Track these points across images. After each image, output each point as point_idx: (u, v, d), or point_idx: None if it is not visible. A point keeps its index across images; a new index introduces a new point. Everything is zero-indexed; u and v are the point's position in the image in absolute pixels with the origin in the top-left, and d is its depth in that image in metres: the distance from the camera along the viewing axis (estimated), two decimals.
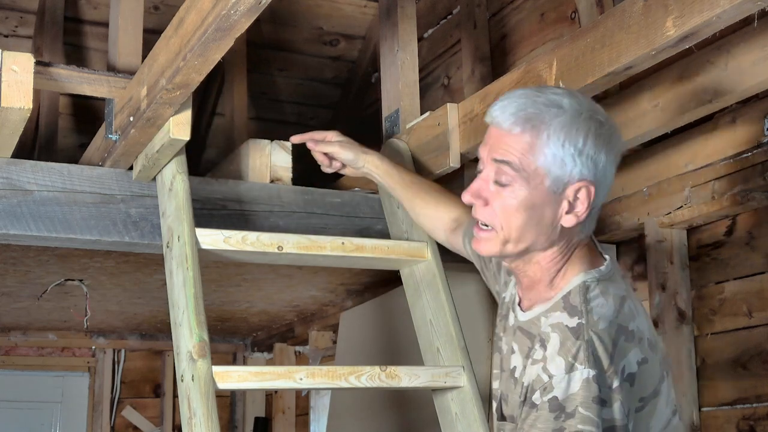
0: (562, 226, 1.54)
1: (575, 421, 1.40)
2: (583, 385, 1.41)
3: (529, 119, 1.51)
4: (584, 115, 1.53)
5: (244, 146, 2.52)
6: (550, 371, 1.45)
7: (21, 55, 1.92)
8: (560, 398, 1.42)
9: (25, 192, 2.16)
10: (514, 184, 1.52)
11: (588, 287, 1.52)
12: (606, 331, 1.46)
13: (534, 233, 1.54)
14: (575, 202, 1.53)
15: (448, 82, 3.59)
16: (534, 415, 1.45)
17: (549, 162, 1.51)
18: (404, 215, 2.39)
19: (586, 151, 1.51)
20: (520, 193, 1.52)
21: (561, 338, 1.46)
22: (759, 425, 2.29)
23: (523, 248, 1.56)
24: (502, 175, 1.53)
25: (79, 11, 3.73)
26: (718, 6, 1.60)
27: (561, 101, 1.53)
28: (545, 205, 1.52)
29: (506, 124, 1.53)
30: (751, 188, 2.27)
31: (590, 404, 1.41)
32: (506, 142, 1.53)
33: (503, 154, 1.53)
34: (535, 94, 1.55)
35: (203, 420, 1.80)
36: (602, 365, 1.43)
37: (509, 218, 1.53)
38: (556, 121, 1.51)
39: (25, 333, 4.63)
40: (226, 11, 1.52)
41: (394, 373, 2.03)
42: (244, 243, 2.10)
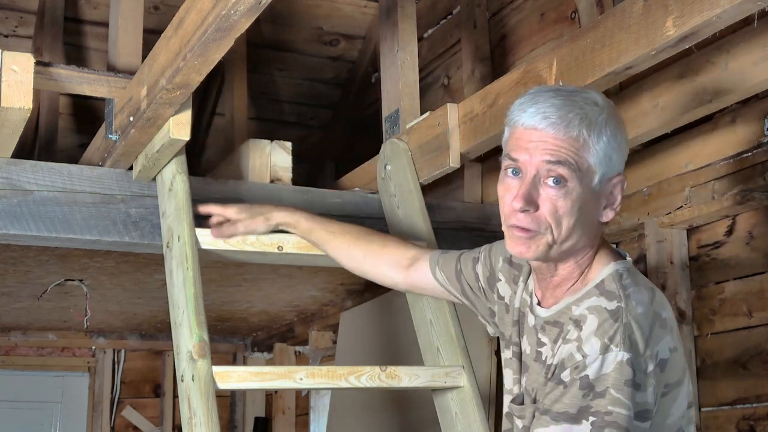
0: (600, 221, 1.56)
1: (605, 402, 1.40)
2: (617, 367, 1.41)
3: (581, 119, 1.50)
4: (613, 109, 1.57)
5: (244, 146, 2.52)
6: (584, 351, 1.44)
7: (21, 55, 1.92)
8: (591, 377, 1.42)
9: (25, 192, 2.16)
10: (568, 184, 1.50)
11: (621, 275, 1.52)
12: (643, 316, 1.46)
13: (580, 232, 1.53)
14: (611, 197, 1.55)
15: (448, 82, 3.59)
16: (560, 390, 1.44)
17: (600, 159, 1.51)
18: (404, 215, 2.39)
19: (622, 146, 1.55)
20: (575, 192, 1.50)
21: (599, 320, 1.45)
22: (759, 425, 2.29)
23: (568, 247, 1.54)
24: (558, 174, 1.50)
25: (79, 11, 3.73)
26: (718, 6, 1.60)
27: (595, 99, 1.54)
28: (591, 201, 1.53)
29: (554, 128, 1.50)
30: (751, 188, 2.27)
31: (622, 387, 1.40)
32: (556, 143, 1.50)
33: (557, 155, 1.50)
34: (567, 93, 1.54)
35: (203, 420, 1.80)
36: (638, 349, 1.43)
37: (561, 219, 1.51)
38: (600, 118, 1.52)
39: (25, 333, 4.63)
40: (226, 11, 1.52)
41: (394, 373, 2.03)
42: (244, 243, 2.10)
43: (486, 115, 2.26)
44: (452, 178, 3.08)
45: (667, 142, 2.47)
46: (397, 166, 2.47)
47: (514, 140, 1.54)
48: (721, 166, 2.34)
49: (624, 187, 1.56)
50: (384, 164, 2.52)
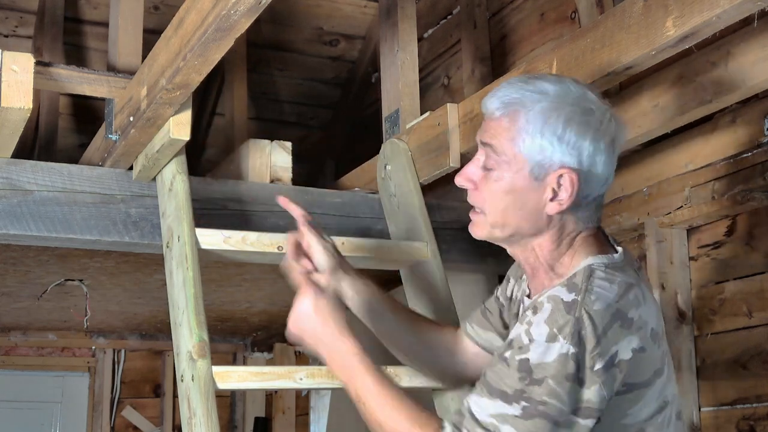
0: (547, 213, 1.55)
1: (541, 391, 1.40)
2: (560, 359, 1.40)
3: (511, 104, 1.54)
4: (569, 100, 1.53)
5: (244, 146, 2.52)
6: (531, 335, 1.44)
7: (21, 55, 1.92)
8: (532, 362, 1.41)
9: (25, 192, 2.16)
10: (497, 168, 1.55)
11: (593, 270, 1.51)
12: (600, 313, 1.43)
13: (517, 218, 1.56)
14: (559, 189, 1.54)
15: (448, 82, 3.59)
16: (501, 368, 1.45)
17: (528, 147, 1.52)
18: (404, 215, 2.39)
19: (566, 137, 1.51)
20: (503, 177, 1.55)
21: (553, 308, 1.45)
22: (759, 425, 2.29)
23: (510, 233, 1.58)
24: (488, 159, 1.57)
25: (79, 11, 3.73)
26: (718, 6, 1.60)
27: (547, 88, 1.54)
28: (528, 191, 1.54)
29: (491, 109, 1.57)
30: (751, 188, 2.27)
31: (562, 380, 1.40)
32: (491, 126, 1.57)
33: (488, 138, 1.57)
34: (524, 81, 1.57)
35: (203, 420, 1.80)
36: (586, 345, 1.41)
37: (494, 202, 1.56)
38: (537, 106, 1.52)
39: (25, 333, 4.63)
40: (226, 11, 1.52)
41: (394, 373, 2.03)
42: (244, 243, 2.10)
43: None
44: (452, 178, 3.08)
45: (667, 142, 2.47)
46: (397, 166, 2.47)
47: None
48: (721, 166, 2.34)
49: (574, 182, 1.52)
50: (384, 164, 2.52)
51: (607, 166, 1.55)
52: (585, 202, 1.56)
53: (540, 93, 1.53)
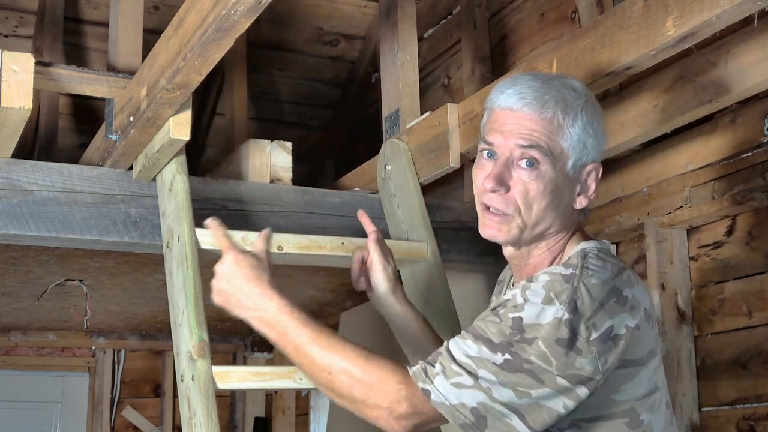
0: (574, 208, 1.57)
1: (530, 350, 1.39)
2: (554, 322, 1.40)
3: (556, 102, 1.52)
4: (591, 96, 1.58)
5: (244, 146, 2.52)
6: (527, 296, 1.43)
7: (21, 55, 1.92)
8: (525, 321, 1.41)
9: (25, 192, 2.16)
10: (540, 167, 1.52)
11: (587, 253, 1.52)
12: (597, 287, 1.44)
13: (552, 217, 1.55)
14: (586, 184, 1.56)
15: (448, 82, 3.59)
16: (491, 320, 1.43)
17: (574, 143, 1.53)
18: (404, 215, 2.39)
19: (600, 133, 1.56)
20: (547, 176, 1.52)
21: (550, 278, 1.45)
22: (759, 425, 2.29)
23: (540, 231, 1.56)
24: (531, 157, 1.51)
25: (79, 11, 3.73)
26: (718, 6, 1.60)
27: (574, 85, 1.56)
28: (564, 187, 1.54)
29: (530, 108, 1.52)
30: (751, 188, 2.27)
31: (552, 344, 1.39)
32: (530, 126, 1.52)
33: (530, 138, 1.51)
34: (546, 78, 1.57)
35: (203, 420, 1.80)
36: (582, 314, 1.41)
37: (532, 202, 1.53)
38: (577, 103, 1.53)
39: (25, 333, 4.63)
40: (226, 11, 1.52)
41: None
42: (244, 243, 2.10)
43: None
44: (452, 178, 3.08)
45: (667, 142, 2.47)
46: (397, 166, 2.47)
47: (491, 123, 1.57)
48: (721, 166, 2.34)
49: (599, 175, 1.56)
50: (384, 164, 2.52)
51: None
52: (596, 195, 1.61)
53: (574, 90, 1.55)
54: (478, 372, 1.41)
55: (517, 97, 1.53)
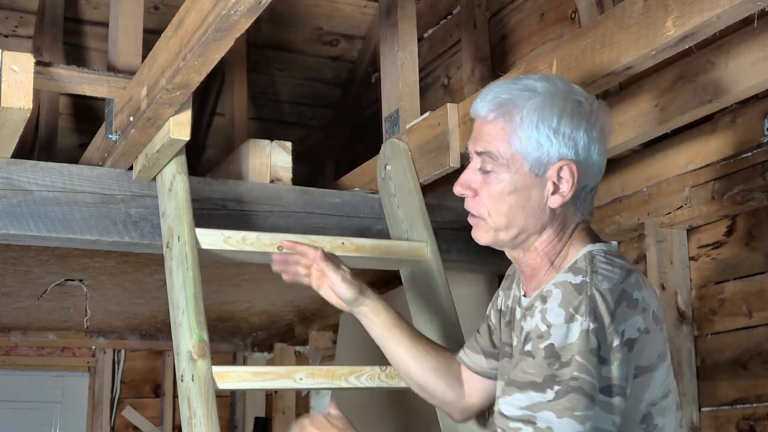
0: (550, 207, 1.56)
1: (570, 369, 1.39)
2: (582, 335, 1.40)
3: (503, 105, 1.56)
4: (559, 95, 1.56)
5: (244, 146, 2.52)
6: (548, 320, 1.43)
7: (21, 55, 1.92)
8: (557, 346, 1.41)
9: (25, 192, 2.16)
10: (495, 171, 1.56)
11: (594, 256, 1.52)
12: (609, 291, 1.45)
13: (522, 217, 1.56)
14: (560, 182, 1.55)
15: (448, 82, 3.59)
16: (526, 361, 1.44)
17: (525, 145, 1.54)
18: (404, 215, 2.39)
19: (561, 129, 1.54)
20: (503, 179, 1.55)
21: (563, 292, 1.45)
22: (759, 425, 2.29)
23: (515, 234, 1.58)
24: (485, 164, 1.57)
25: (79, 11, 3.73)
26: (718, 6, 1.60)
27: (535, 85, 1.56)
28: (530, 188, 1.55)
29: (483, 113, 1.58)
30: (751, 188, 2.27)
31: (588, 355, 1.40)
32: (484, 131, 1.58)
33: (483, 145, 1.57)
34: (511, 81, 1.59)
35: (203, 420, 1.80)
36: (603, 321, 1.42)
37: (496, 205, 1.57)
38: (529, 103, 1.54)
39: (25, 333, 4.63)
40: (226, 11, 1.52)
41: (394, 373, 2.03)
42: (244, 243, 2.10)
43: None
44: (452, 178, 3.07)
45: (667, 142, 2.47)
46: (397, 166, 2.47)
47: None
48: (721, 166, 2.34)
49: (574, 173, 1.54)
50: (384, 164, 2.52)
51: (601, 155, 1.58)
52: (584, 192, 1.58)
53: (530, 90, 1.55)
54: (537, 417, 1.40)
55: (478, 101, 1.59)
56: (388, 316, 1.87)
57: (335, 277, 1.84)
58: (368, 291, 1.87)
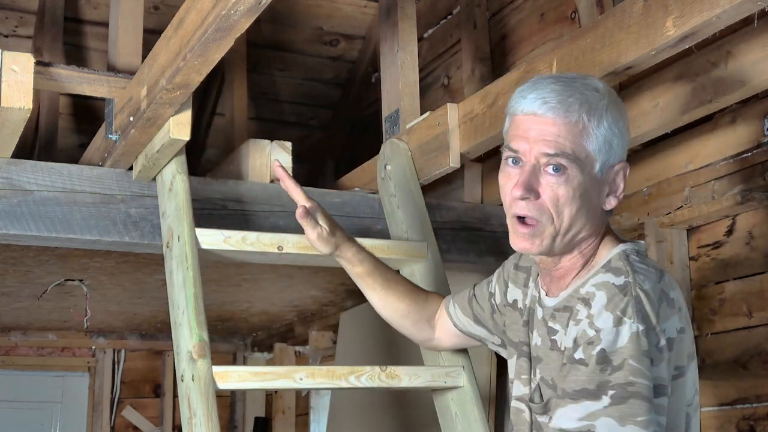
0: (603, 209, 1.55)
1: (624, 373, 1.37)
2: (632, 338, 1.39)
3: (581, 105, 1.50)
4: (614, 96, 1.55)
5: (244, 146, 2.52)
6: (597, 325, 1.42)
7: (21, 55, 1.92)
8: (608, 351, 1.39)
9: (25, 192, 2.16)
10: (568, 172, 1.49)
11: (628, 255, 1.52)
12: (652, 291, 1.44)
13: (584, 221, 1.52)
14: (614, 184, 1.54)
15: (448, 82, 3.59)
16: (576, 370, 1.42)
17: (600, 146, 1.50)
18: (404, 215, 2.39)
19: (624, 132, 1.54)
20: (576, 180, 1.49)
21: (608, 295, 1.44)
22: (759, 425, 2.29)
23: (571, 238, 1.53)
24: (555, 164, 1.49)
25: (79, 11, 3.73)
26: (718, 6, 1.60)
27: (596, 85, 1.54)
28: (593, 189, 1.52)
29: (553, 113, 1.49)
30: (751, 188, 2.27)
31: (641, 357, 1.38)
32: (554, 131, 1.49)
33: (555, 145, 1.48)
34: (567, 79, 1.54)
35: (203, 420, 1.80)
36: (651, 322, 1.41)
37: (563, 208, 1.50)
38: (601, 104, 1.51)
39: (25, 333, 4.64)
40: (226, 11, 1.52)
41: (394, 373, 2.03)
42: (244, 243, 2.10)
43: (486, 115, 2.26)
44: (452, 178, 3.08)
45: (667, 142, 2.47)
46: (397, 166, 2.47)
47: (514, 129, 1.54)
48: (721, 166, 2.34)
49: (626, 174, 1.54)
50: (384, 164, 2.52)
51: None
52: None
53: (596, 91, 1.52)
54: (595, 425, 1.38)
55: (540, 101, 1.50)
56: (362, 267, 1.95)
57: (311, 235, 1.89)
58: (344, 245, 1.93)
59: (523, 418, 1.63)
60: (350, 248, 1.93)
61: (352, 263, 1.95)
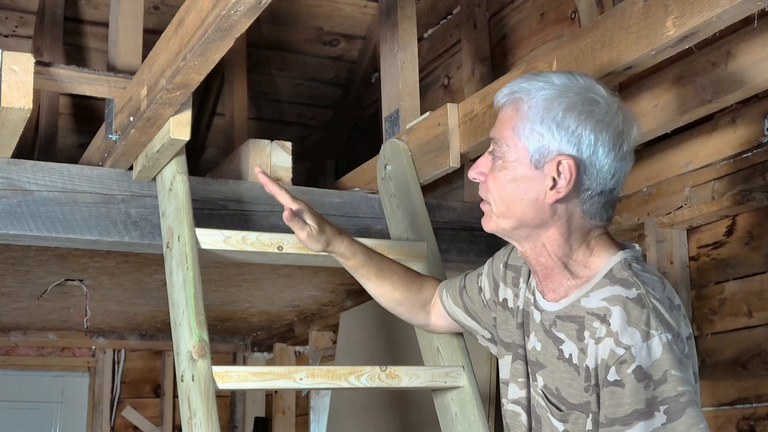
0: (548, 203, 1.54)
1: (670, 386, 1.37)
2: (665, 349, 1.39)
3: (515, 93, 1.56)
4: (574, 90, 1.52)
5: (244, 146, 2.52)
6: (624, 343, 1.41)
7: (21, 55, 1.92)
8: (645, 367, 1.39)
9: (25, 192, 2.16)
10: (502, 157, 1.56)
11: (630, 263, 1.52)
12: (663, 301, 1.45)
13: (520, 208, 1.55)
14: (558, 178, 1.52)
15: (448, 82, 3.59)
16: (617, 392, 1.41)
17: (527, 135, 1.53)
18: (404, 215, 2.39)
19: (566, 124, 1.50)
20: (507, 165, 1.55)
21: (625, 309, 1.44)
22: (759, 425, 2.29)
23: (514, 224, 1.57)
24: (494, 149, 1.58)
25: (79, 11, 3.73)
26: (718, 6, 1.60)
27: (554, 79, 1.55)
28: (529, 179, 1.54)
29: (499, 100, 1.60)
30: (751, 188, 2.27)
31: (679, 365, 1.39)
32: (498, 118, 1.59)
33: (494, 131, 1.59)
34: (534, 74, 1.59)
35: (203, 420, 1.80)
36: (675, 330, 1.42)
37: (498, 191, 1.57)
38: (539, 94, 1.53)
39: (25, 333, 4.64)
40: (226, 11, 1.52)
41: (394, 373, 2.03)
42: (244, 243, 2.10)
43: (486, 115, 2.26)
44: (452, 178, 3.08)
45: (667, 142, 2.47)
46: (397, 166, 2.47)
47: None
48: (721, 166, 2.34)
49: (572, 170, 1.50)
50: (384, 164, 2.52)
51: (613, 159, 1.51)
52: (588, 194, 1.53)
53: (546, 83, 1.54)
54: None
55: (500, 94, 1.60)
56: (355, 259, 1.97)
57: (301, 235, 1.91)
58: (335, 240, 1.94)
59: (520, 421, 1.63)
60: (341, 243, 1.95)
61: (345, 257, 1.97)
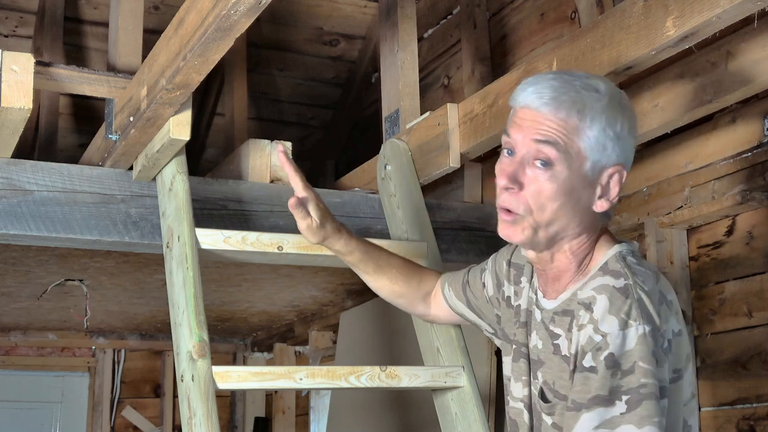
0: (594, 211, 1.54)
1: (635, 377, 1.38)
2: (640, 340, 1.40)
3: (573, 102, 1.50)
4: (618, 100, 1.54)
5: (244, 146, 2.52)
6: (602, 330, 1.42)
7: (21, 55, 1.92)
8: (617, 355, 1.40)
9: (25, 192, 2.16)
10: (556, 165, 1.50)
11: (624, 256, 1.52)
12: (652, 293, 1.45)
13: (567, 218, 1.53)
14: (608, 187, 1.53)
15: (448, 82, 3.59)
16: (586, 377, 1.42)
17: (592, 145, 1.50)
18: (404, 215, 2.39)
19: (622, 135, 1.52)
20: (561, 175, 1.50)
21: (610, 298, 1.44)
22: (759, 425, 2.29)
23: (554, 233, 1.54)
24: (543, 158, 1.50)
25: (79, 11, 3.73)
26: (718, 6, 1.60)
27: (597, 86, 1.53)
28: (582, 189, 1.52)
29: (547, 108, 1.51)
30: (751, 188, 2.27)
31: (650, 358, 1.39)
32: (548, 124, 1.50)
33: (546, 134, 1.50)
34: (568, 77, 1.55)
35: (203, 420, 1.80)
36: (655, 323, 1.42)
37: (545, 202, 1.51)
38: (597, 105, 1.51)
39: (25, 333, 4.64)
40: (226, 11, 1.52)
41: (394, 373, 2.03)
42: (244, 243, 2.10)
43: (486, 115, 2.26)
44: (452, 178, 3.08)
45: (667, 142, 2.47)
46: (397, 166, 2.47)
47: (512, 119, 1.57)
48: (721, 166, 2.34)
49: (623, 178, 1.53)
50: (384, 164, 2.52)
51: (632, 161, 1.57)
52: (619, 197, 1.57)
53: (594, 90, 1.52)
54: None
55: (536, 96, 1.52)
56: (353, 256, 1.97)
57: (301, 225, 1.90)
58: (333, 236, 1.93)
59: (523, 419, 1.63)
60: (339, 239, 1.94)
61: (342, 253, 1.97)
